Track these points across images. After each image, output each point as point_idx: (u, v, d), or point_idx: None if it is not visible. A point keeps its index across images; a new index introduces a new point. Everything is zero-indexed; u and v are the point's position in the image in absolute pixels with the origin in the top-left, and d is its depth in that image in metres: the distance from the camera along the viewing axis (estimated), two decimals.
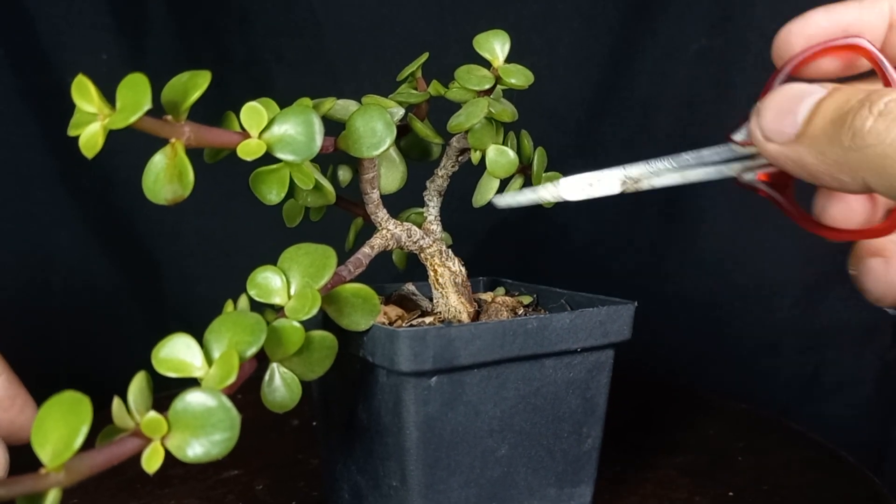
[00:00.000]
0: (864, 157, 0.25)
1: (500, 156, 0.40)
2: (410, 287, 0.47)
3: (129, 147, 0.41)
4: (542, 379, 0.38)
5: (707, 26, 0.70)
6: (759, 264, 0.73)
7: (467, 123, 0.38)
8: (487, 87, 0.38)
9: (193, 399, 0.26)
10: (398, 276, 0.48)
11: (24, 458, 0.31)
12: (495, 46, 0.39)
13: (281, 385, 0.31)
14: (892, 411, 0.73)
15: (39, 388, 0.41)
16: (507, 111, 0.39)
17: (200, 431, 0.26)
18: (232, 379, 0.27)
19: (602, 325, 0.39)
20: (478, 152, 0.40)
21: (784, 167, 0.29)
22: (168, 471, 0.50)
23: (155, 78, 0.31)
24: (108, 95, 0.29)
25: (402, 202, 0.45)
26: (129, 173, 0.69)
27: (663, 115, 0.71)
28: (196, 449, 0.26)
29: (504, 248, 0.75)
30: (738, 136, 0.32)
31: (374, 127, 0.36)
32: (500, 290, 0.50)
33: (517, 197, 0.38)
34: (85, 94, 0.27)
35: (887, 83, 0.30)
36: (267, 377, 0.31)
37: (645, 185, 0.35)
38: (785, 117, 0.28)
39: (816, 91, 0.28)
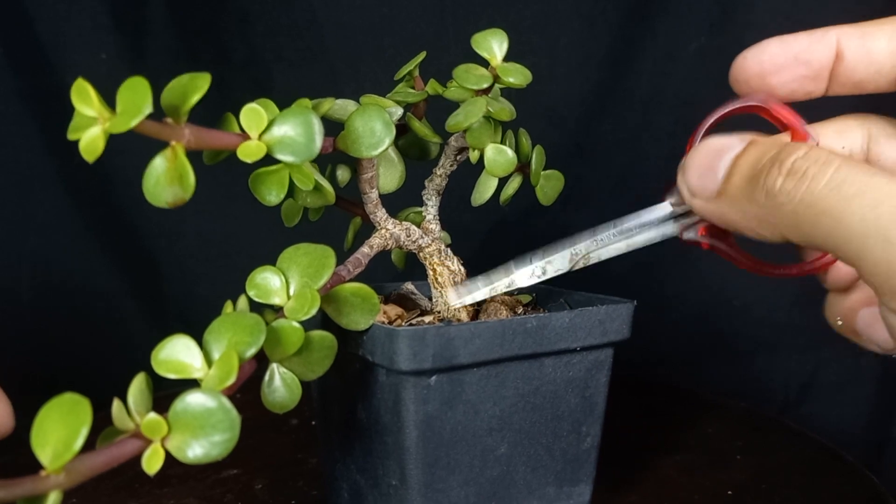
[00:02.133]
0: (778, 214, 0.26)
1: (499, 155, 0.40)
2: (410, 286, 0.47)
3: (130, 148, 0.41)
4: (541, 378, 0.38)
5: (707, 26, 0.70)
6: None
7: (466, 122, 0.38)
8: (486, 85, 0.38)
9: (193, 400, 0.26)
10: (398, 275, 0.48)
11: (24, 460, 0.31)
12: (493, 45, 0.39)
13: (281, 385, 0.31)
14: (892, 411, 0.73)
15: (39, 389, 0.41)
16: (506, 110, 0.39)
17: (200, 432, 0.26)
18: (231, 380, 0.27)
19: (601, 324, 0.39)
20: (476, 151, 0.40)
21: (710, 220, 0.30)
22: (167, 470, 0.50)
23: (155, 78, 0.31)
24: (108, 96, 0.29)
25: (402, 201, 0.45)
26: (129, 174, 0.69)
27: (663, 114, 0.72)
28: (196, 450, 0.26)
29: (504, 247, 0.75)
30: (672, 198, 0.34)
31: (373, 127, 0.36)
32: None
33: (474, 294, 0.40)
34: (85, 97, 0.27)
35: (795, 136, 0.32)
36: (267, 377, 0.31)
37: (594, 258, 0.37)
38: (707, 174, 0.29)
39: (734, 146, 0.29)
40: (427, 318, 0.42)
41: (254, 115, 0.32)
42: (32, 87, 0.67)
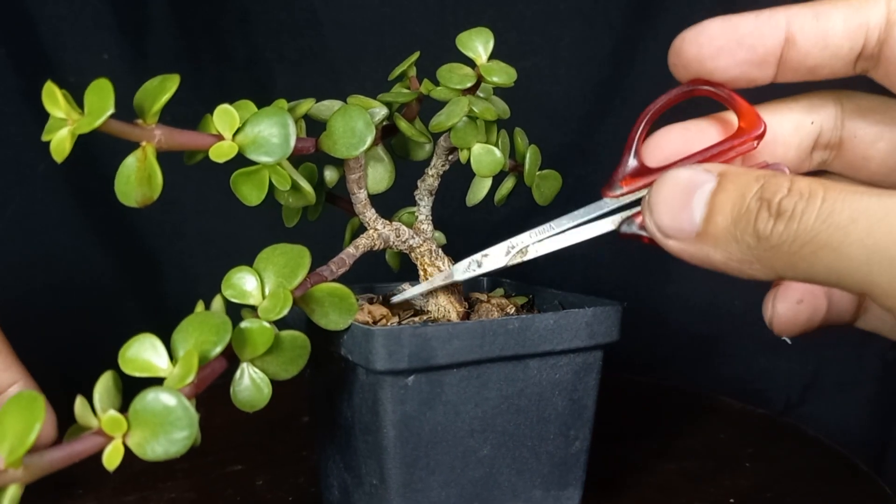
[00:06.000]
0: (773, 255, 0.25)
1: (485, 154, 0.40)
2: (406, 287, 0.47)
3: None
4: (525, 380, 0.38)
5: None
6: None
7: (448, 122, 0.38)
8: (469, 85, 0.38)
9: (152, 398, 0.26)
10: (399, 275, 0.48)
11: None
12: (478, 45, 0.38)
13: (249, 384, 0.31)
14: (893, 411, 0.71)
15: (39, 387, 0.43)
16: (491, 109, 0.39)
17: (160, 430, 0.26)
18: (190, 378, 0.27)
19: (588, 326, 0.38)
20: (466, 151, 0.40)
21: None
22: (173, 465, 0.51)
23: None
24: None
25: (404, 201, 0.45)
26: None
27: (665, 114, 0.70)
28: (155, 447, 0.26)
29: None
30: (614, 192, 0.34)
31: (354, 127, 0.36)
32: (499, 290, 0.49)
33: (413, 290, 0.41)
34: (53, 100, 0.28)
35: (745, 121, 0.31)
36: (237, 376, 0.31)
37: (531, 252, 0.37)
38: (680, 213, 0.28)
39: (706, 180, 0.27)
40: (417, 319, 0.42)
41: (226, 115, 0.32)
42: (34, 87, 0.68)
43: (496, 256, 0.38)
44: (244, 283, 0.33)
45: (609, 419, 0.42)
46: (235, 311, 0.34)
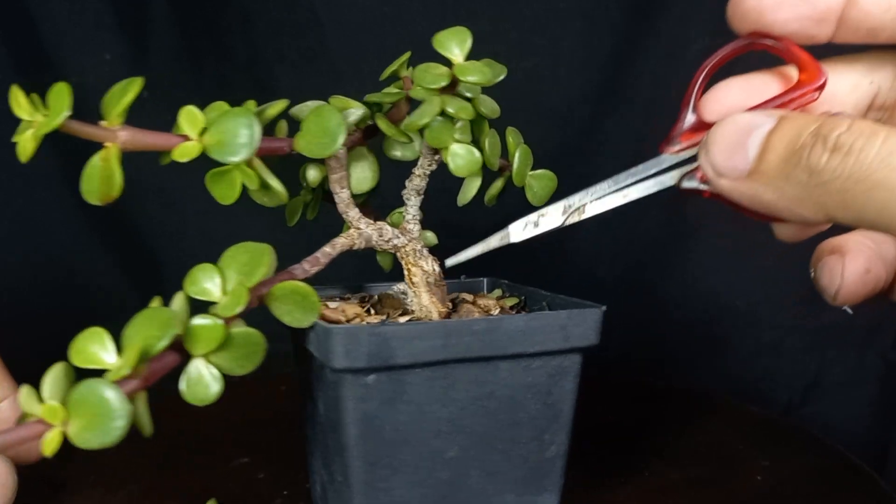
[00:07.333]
0: (824, 192, 0.24)
1: (462, 154, 0.39)
2: (400, 286, 0.47)
3: None
4: (495, 382, 0.37)
5: (709, 26, 0.67)
6: (762, 263, 0.69)
7: (420, 121, 0.38)
8: (444, 84, 0.38)
9: (87, 389, 0.27)
10: (391, 275, 0.48)
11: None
12: (453, 45, 0.38)
13: (197, 379, 0.31)
14: (895, 411, 0.69)
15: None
16: (468, 108, 0.38)
17: (95, 420, 0.27)
18: (126, 371, 0.28)
19: (563, 328, 0.37)
20: (445, 150, 0.40)
21: (739, 202, 0.28)
22: (181, 456, 0.53)
23: (157, 78, 0.33)
24: None
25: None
26: (130, 173, 0.71)
27: (665, 114, 0.68)
28: (90, 436, 0.27)
29: (505, 247, 0.74)
30: (673, 148, 0.33)
31: (327, 126, 0.36)
32: (497, 291, 0.49)
33: (467, 252, 0.40)
34: (17, 103, 0.30)
35: (805, 72, 0.30)
36: (186, 370, 0.32)
37: (589, 211, 0.36)
38: (735, 152, 0.27)
39: (764, 122, 0.27)
40: (402, 319, 0.42)
41: (190, 116, 0.33)
42: (35, 87, 0.70)
43: (553, 216, 0.37)
44: (205, 281, 0.34)
45: (608, 419, 0.41)
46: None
